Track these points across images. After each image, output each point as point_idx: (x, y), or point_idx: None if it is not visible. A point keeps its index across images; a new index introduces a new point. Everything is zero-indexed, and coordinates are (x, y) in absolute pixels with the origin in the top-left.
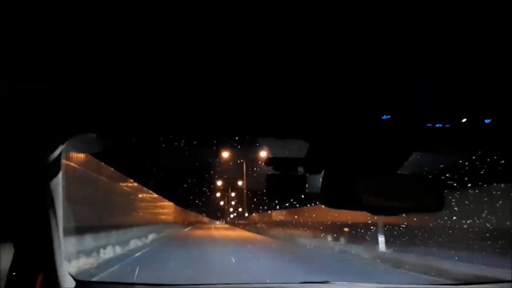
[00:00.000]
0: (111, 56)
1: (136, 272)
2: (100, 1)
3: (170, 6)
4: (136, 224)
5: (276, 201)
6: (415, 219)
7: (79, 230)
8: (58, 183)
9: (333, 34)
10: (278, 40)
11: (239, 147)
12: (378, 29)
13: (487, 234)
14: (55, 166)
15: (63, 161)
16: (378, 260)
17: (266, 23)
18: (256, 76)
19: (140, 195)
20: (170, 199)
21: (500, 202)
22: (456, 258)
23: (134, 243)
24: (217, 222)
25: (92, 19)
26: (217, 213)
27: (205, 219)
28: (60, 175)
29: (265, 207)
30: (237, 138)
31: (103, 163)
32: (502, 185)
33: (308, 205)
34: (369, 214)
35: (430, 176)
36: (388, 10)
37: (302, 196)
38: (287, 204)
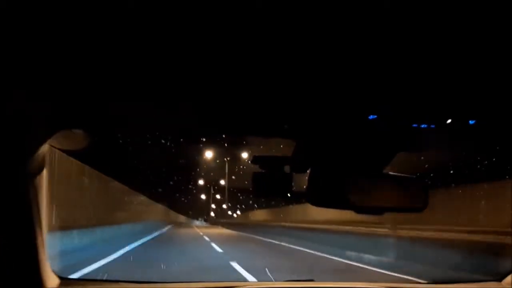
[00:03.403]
0: (97, 50)
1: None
2: (94, 2)
3: (164, 7)
4: None
5: (263, 200)
6: None
7: None
8: (42, 181)
9: (320, 34)
10: (265, 37)
11: (225, 144)
12: (365, 30)
13: None
14: (38, 163)
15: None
16: None
17: (257, 23)
18: (242, 73)
19: None
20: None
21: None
22: None
23: None
24: (197, 222)
25: (79, 17)
26: (197, 211)
27: (181, 217)
28: (43, 172)
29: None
30: (223, 135)
31: None
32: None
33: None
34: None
35: (415, 176)
36: (376, 13)
37: (289, 195)
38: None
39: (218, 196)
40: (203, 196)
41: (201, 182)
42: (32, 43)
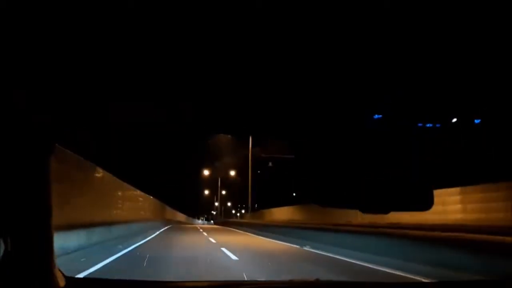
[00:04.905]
0: (97, 51)
1: None
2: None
3: (164, 9)
4: None
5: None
6: None
7: None
8: (48, 181)
9: (322, 35)
10: (267, 38)
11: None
12: (368, 30)
13: None
14: (45, 163)
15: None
16: None
17: (258, 24)
18: (243, 73)
19: None
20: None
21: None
22: None
23: None
24: (199, 221)
25: (89, 21)
26: (198, 208)
27: (180, 215)
28: (49, 172)
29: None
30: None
31: None
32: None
33: None
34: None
35: (419, 176)
36: (381, 13)
37: (294, 195)
38: None
39: (223, 192)
40: (206, 192)
41: (206, 172)
42: (32, 44)
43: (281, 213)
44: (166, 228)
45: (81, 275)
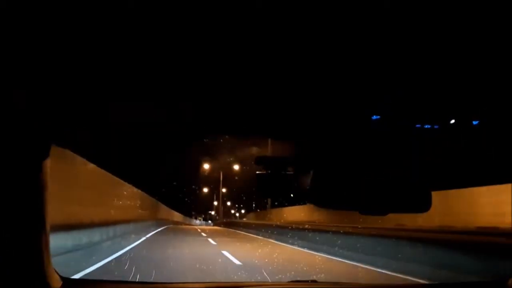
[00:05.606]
0: (97, 50)
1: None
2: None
3: (164, 8)
4: None
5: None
6: None
7: None
8: (45, 181)
9: (321, 34)
10: (266, 38)
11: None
12: (367, 30)
13: None
14: (42, 163)
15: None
16: None
17: (257, 23)
18: (242, 73)
19: None
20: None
21: None
22: None
23: None
24: (197, 221)
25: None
26: (197, 208)
27: (176, 215)
28: (46, 172)
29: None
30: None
31: None
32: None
33: None
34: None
35: (418, 177)
36: (381, 14)
37: (292, 196)
38: None
39: (224, 190)
40: (205, 190)
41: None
42: (32, 43)
43: (293, 213)
44: (158, 230)
45: None
